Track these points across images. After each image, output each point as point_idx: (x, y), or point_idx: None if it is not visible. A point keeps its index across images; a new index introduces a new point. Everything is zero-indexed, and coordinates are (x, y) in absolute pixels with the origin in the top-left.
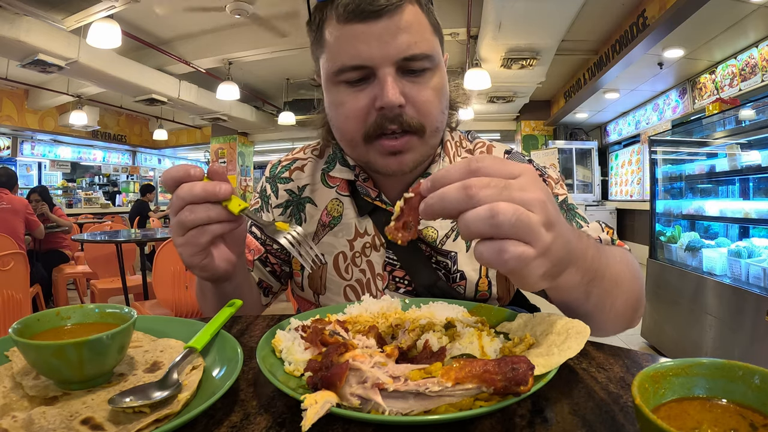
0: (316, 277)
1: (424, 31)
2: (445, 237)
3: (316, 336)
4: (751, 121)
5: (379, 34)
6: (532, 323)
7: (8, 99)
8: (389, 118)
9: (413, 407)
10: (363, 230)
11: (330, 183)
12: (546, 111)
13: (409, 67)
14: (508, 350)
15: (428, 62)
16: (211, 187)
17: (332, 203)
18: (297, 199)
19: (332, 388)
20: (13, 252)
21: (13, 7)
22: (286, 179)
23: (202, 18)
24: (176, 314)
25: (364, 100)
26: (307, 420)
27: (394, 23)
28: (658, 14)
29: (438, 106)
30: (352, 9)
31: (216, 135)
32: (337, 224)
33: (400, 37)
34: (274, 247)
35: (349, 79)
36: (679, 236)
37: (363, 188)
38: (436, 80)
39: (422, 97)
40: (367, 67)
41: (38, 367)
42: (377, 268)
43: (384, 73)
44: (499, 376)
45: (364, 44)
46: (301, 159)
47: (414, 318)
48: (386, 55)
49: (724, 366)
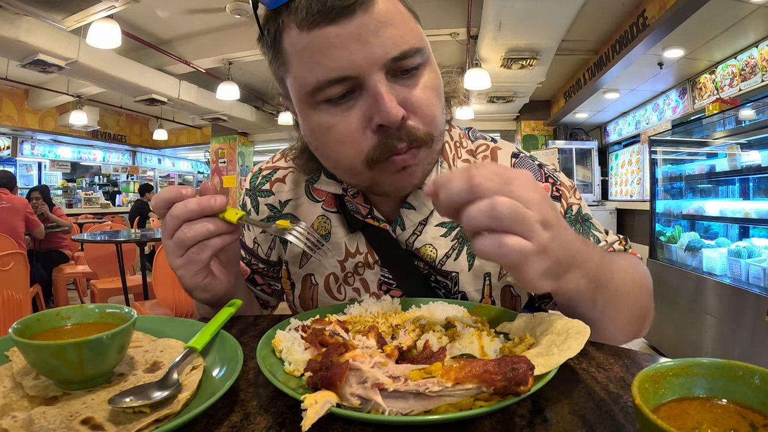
0: (307, 298)
1: (406, 20)
2: (445, 257)
3: (315, 336)
4: (751, 121)
5: (356, 33)
6: (532, 323)
7: (8, 99)
8: (395, 136)
9: (413, 407)
10: (354, 249)
11: (316, 197)
12: (546, 111)
13: (400, 68)
14: (508, 350)
15: (419, 57)
16: (206, 200)
17: (318, 220)
18: (279, 215)
19: (332, 388)
20: (13, 252)
21: (13, 7)
22: (266, 192)
23: (202, 18)
24: (176, 314)
25: (355, 120)
26: (307, 420)
27: (372, 18)
28: (658, 14)
29: (439, 106)
30: (318, 9)
31: (216, 135)
32: None
33: (383, 33)
34: (260, 266)
35: (330, 97)
36: (679, 236)
37: (352, 205)
38: (431, 76)
39: (423, 102)
40: (350, 77)
41: (38, 367)
42: (372, 286)
43: (374, 83)
44: (499, 376)
45: (342, 50)
46: (282, 168)
47: (414, 318)
48: (371, 58)
49: (724, 366)
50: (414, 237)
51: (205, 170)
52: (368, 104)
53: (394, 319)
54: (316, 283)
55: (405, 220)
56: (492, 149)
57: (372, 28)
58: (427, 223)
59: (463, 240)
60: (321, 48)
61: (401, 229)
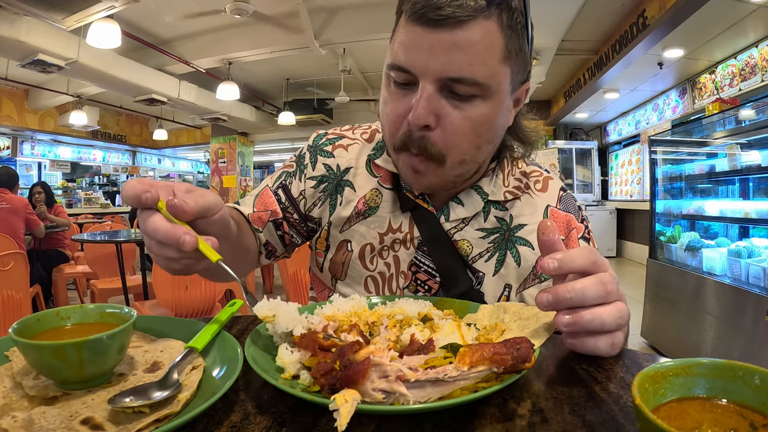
0: (338, 263)
1: (488, 55)
2: (478, 255)
3: (311, 340)
4: (751, 121)
5: (431, 44)
6: (496, 312)
7: (8, 99)
8: (413, 139)
9: (430, 394)
10: (397, 226)
11: (375, 172)
12: (546, 111)
13: (454, 89)
14: (483, 338)
15: (477, 90)
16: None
17: (371, 193)
18: (335, 178)
19: (353, 385)
20: (13, 252)
21: (13, 7)
22: (327, 153)
23: (202, 18)
24: (176, 314)
25: (403, 106)
26: (342, 419)
27: (452, 37)
28: (658, 14)
29: (472, 139)
30: (417, 10)
31: (216, 135)
32: (372, 215)
33: (451, 54)
34: (294, 217)
35: (396, 78)
36: (679, 236)
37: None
38: (482, 111)
39: (455, 125)
40: (411, 73)
41: (38, 367)
42: (402, 265)
43: (423, 87)
44: (507, 356)
45: (417, 49)
46: (348, 138)
47: (389, 314)
48: (428, 68)
49: (724, 366)
50: (455, 230)
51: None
52: (413, 100)
53: (369, 317)
54: (351, 250)
55: (451, 212)
56: (544, 179)
57: (446, 46)
58: (470, 222)
59: (497, 246)
60: (408, 40)
61: (445, 219)
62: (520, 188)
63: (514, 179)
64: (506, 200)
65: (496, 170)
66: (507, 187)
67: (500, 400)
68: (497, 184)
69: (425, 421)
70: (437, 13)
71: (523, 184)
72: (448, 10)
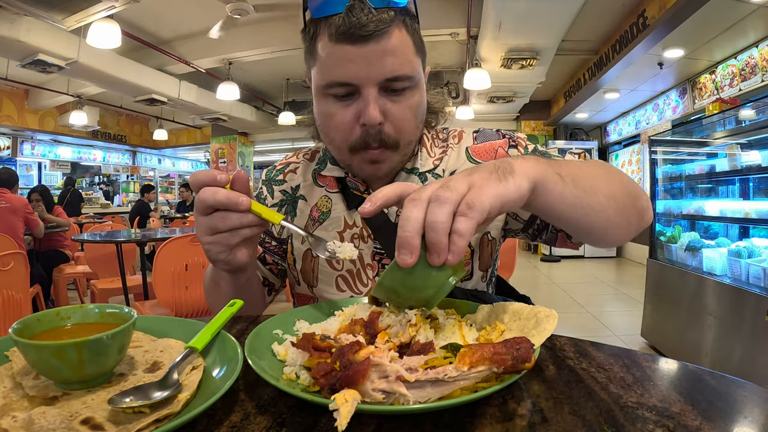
0: (308, 270)
1: (408, 53)
2: None
3: (308, 342)
4: (751, 121)
5: (366, 56)
6: (495, 312)
7: (8, 99)
8: (371, 136)
9: (430, 395)
10: (352, 222)
11: (320, 182)
12: (546, 111)
13: (391, 87)
14: (483, 338)
15: (409, 82)
16: (234, 197)
17: (322, 200)
18: (291, 197)
19: (353, 386)
20: (13, 252)
21: (13, 7)
22: (280, 181)
23: (202, 18)
24: (176, 314)
25: (349, 114)
26: (342, 419)
27: (381, 47)
28: (658, 14)
29: (413, 122)
30: (344, 31)
31: (216, 135)
32: (327, 219)
33: (385, 60)
34: (272, 244)
35: (336, 94)
36: (679, 236)
37: (353, 183)
38: (414, 98)
39: (400, 116)
40: (353, 84)
41: (38, 367)
42: (366, 258)
43: (367, 93)
44: (507, 356)
45: (352, 64)
46: (294, 162)
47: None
48: (371, 76)
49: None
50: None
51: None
52: (360, 106)
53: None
54: (316, 255)
55: None
56: (459, 132)
57: (378, 54)
58: None
59: None
60: (339, 58)
61: None
62: (444, 150)
63: (438, 148)
64: (436, 167)
65: (420, 148)
66: (433, 157)
67: (500, 400)
68: (425, 158)
69: (425, 421)
70: (364, 29)
71: (446, 145)
72: (371, 26)
